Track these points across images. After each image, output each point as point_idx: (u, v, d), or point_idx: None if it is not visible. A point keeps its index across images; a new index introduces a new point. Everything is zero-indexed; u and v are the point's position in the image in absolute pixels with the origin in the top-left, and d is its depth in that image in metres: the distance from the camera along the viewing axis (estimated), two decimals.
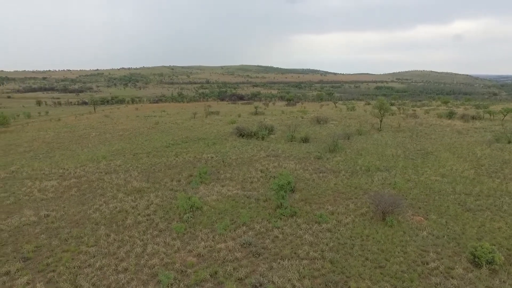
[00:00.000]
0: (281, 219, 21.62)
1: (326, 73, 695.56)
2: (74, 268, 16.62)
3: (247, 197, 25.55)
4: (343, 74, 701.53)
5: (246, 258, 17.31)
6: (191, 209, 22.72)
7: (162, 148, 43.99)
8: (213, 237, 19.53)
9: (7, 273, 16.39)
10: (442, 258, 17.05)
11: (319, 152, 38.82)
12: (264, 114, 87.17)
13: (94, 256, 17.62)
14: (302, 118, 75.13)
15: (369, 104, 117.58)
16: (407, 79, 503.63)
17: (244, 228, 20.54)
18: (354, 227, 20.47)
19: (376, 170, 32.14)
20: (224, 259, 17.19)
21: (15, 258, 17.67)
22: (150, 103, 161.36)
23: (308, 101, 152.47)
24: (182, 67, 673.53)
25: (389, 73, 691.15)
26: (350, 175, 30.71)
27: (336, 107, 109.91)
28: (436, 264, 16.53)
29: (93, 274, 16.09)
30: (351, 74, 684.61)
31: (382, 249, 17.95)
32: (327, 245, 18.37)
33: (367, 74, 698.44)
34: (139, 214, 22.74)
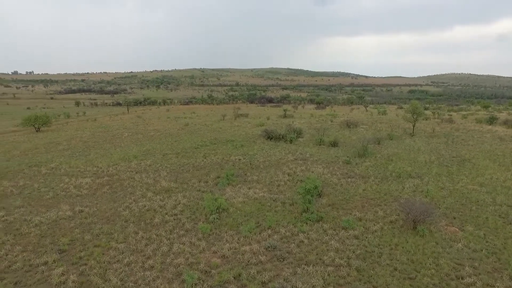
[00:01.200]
0: (307, 223, 21.32)
1: (357, 76, 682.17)
2: (104, 262, 17.25)
3: (274, 200, 25.43)
4: (374, 77, 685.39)
5: (270, 262, 17.20)
6: (217, 210, 22.92)
7: (191, 149, 44.81)
8: (238, 239, 19.58)
9: (45, 263, 17.33)
10: (479, 274, 16.03)
11: (348, 157, 38.02)
12: (293, 117, 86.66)
13: (122, 252, 18.19)
14: (332, 121, 73.98)
15: (401, 108, 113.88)
16: (443, 83, 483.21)
17: (269, 231, 20.44)
18: (382, 235, 19.81)
19: (407, 176, 31.00)
20: (248, 261, 17.17)
21: (52, 249, 18.62)
22: (181, 104, 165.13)
23: (338, 105, 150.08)
24: (213, 70, 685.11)
25: (424, 76, 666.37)
26: (380, 181, 29.80)
27: (366, 111, 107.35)
28: (472, 279, 15.58)
29: (121, 269, 16.61)
30: (383, 77, 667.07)
31: (412, 259, 17.22)
32: (353, 252, 17.89)
33: (400, 77, 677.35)
34: (166, 214, 23.24)
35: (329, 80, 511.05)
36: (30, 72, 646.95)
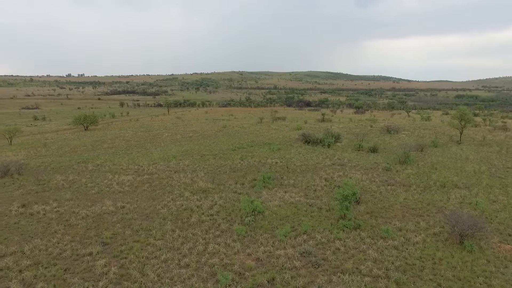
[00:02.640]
0: (343, 230, 20.72)
1: (399, 80, 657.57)
2: (143, 258, 17.84)
3: (310, 205, 25.03)
4: (418, 81, 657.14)
5: (305, 267, 16.88)
6: (253, 213, 22.92)
7: (228, 151, 45.37)
8: (272, 242, 19.45)
9: (90, 254, 18.29)
10: None
11: (388, 164, 36.57)
12: (331, 121, 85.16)
13: (160, 249, 18.72)
14: (371, 127, 71.73)
15: (447, 114, 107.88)
16: (496, 87, 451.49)
17: (304, 236, 20.10)
18: (424, 247, 18.74)
19: (453, 186, 29.19)
20: (282, 266, 16.97)
21: (96, 241, 19.60)
22: (219, 107, 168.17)
23: (378, 110, 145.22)
24: (251, 73, 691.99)
25: (473, 80, 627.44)
26: (422, 190, 28.32)
27: (409, 116, 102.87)
28: None
29: (158, 265, 17.09)
30: (427, 81, 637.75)
31: (459, 276, 16.09)
32: (392, 263, 17.08)
33: (446, 81, 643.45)
34: (203, 214, 23.63)
35: (369, 84, 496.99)
36: (81, 75, 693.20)
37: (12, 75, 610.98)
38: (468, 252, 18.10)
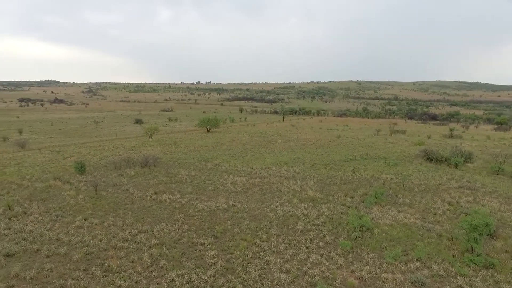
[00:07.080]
0: (469, 266, 17.70)
1: None
2: (247, 256, 18.69)
3: (427, 230, 22.28)
4: None
5: None
6: (361, 229, 21.68)
7: (340, 162, 44.14)
8: (379, 263, 17.97)
9: (203, 244, 20.13)
10: None
11: None
12: (462, 138, 74.49)
13: (264, 251, 19.31)
14: None
15: None
16: None
17: (417, 263, 17.96)
18: None
19: None
20: None
21: (208, 234, 21.46)
22: (334, 116, 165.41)
23: None
24: (370, 82, 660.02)
25: None
26: None
27: None
28: None
29: (261, 266, 17.65)
30: None
31: None
32: None
33: None
34: (308, 222, 23.45)
35: None
36: (208, 82, 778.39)
37: (156, 83, 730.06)
38: None
